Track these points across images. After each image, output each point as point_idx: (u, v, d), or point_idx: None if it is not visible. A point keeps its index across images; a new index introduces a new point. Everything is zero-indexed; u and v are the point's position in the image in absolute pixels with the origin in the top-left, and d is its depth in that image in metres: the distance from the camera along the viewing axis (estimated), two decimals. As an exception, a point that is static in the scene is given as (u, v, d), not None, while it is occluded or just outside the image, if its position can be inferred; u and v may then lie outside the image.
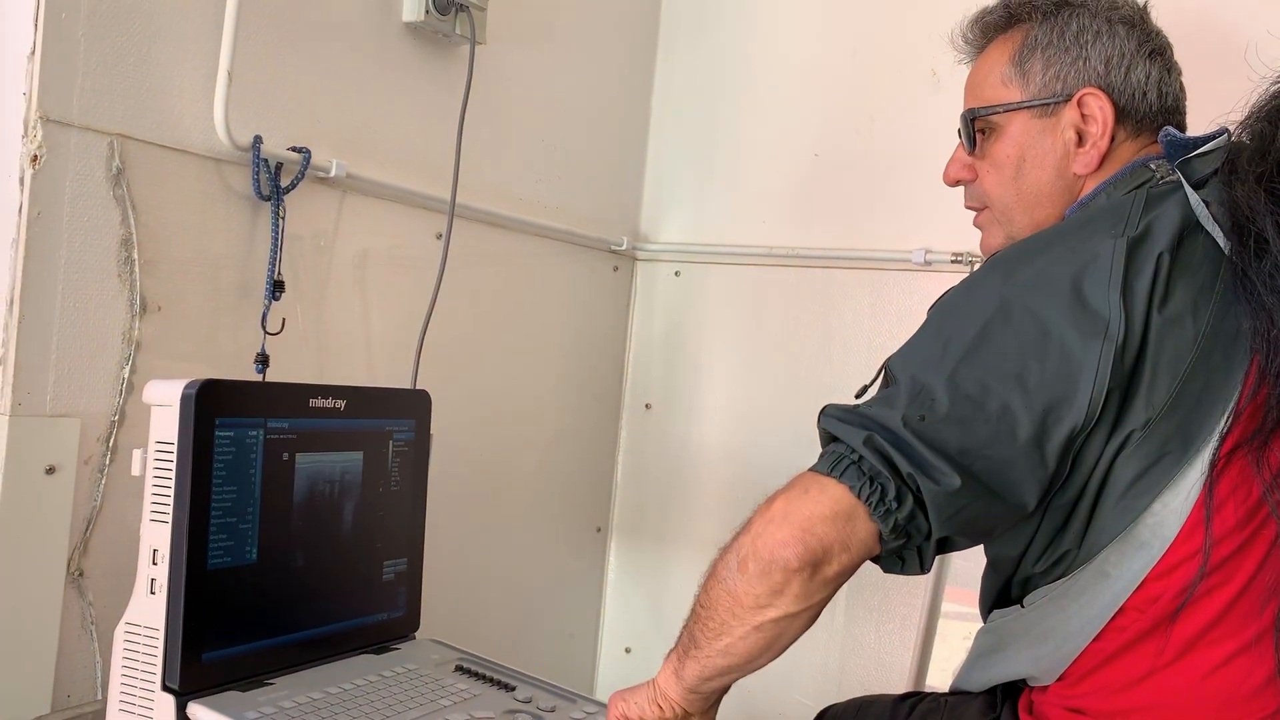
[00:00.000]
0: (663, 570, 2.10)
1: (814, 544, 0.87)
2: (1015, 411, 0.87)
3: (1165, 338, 0.90)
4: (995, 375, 0.89)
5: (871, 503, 0.86)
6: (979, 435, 0.87)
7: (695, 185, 2.09)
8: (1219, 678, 0.90)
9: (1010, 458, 0.87)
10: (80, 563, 1.25)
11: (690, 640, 0.97)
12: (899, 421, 0.88)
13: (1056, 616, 0.97)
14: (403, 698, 1.14)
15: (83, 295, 1.23)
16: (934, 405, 0.88)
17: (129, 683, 1.06)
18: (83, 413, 1.23)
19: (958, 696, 1.11)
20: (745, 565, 0.90)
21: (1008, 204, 1.13)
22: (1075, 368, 0.88)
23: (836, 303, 1.93)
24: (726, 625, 0.93)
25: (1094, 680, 0.95)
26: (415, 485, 1.34)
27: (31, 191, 1.17)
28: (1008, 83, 1.11)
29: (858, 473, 0.87)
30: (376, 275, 1.59)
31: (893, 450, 0.87)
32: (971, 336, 0.91)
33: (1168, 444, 0.90)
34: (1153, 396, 0.90)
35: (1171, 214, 0.95)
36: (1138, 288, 0.90)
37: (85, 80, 1.21)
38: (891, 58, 1.88)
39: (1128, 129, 1.09)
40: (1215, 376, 0.91)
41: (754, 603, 0.90)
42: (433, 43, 1.63)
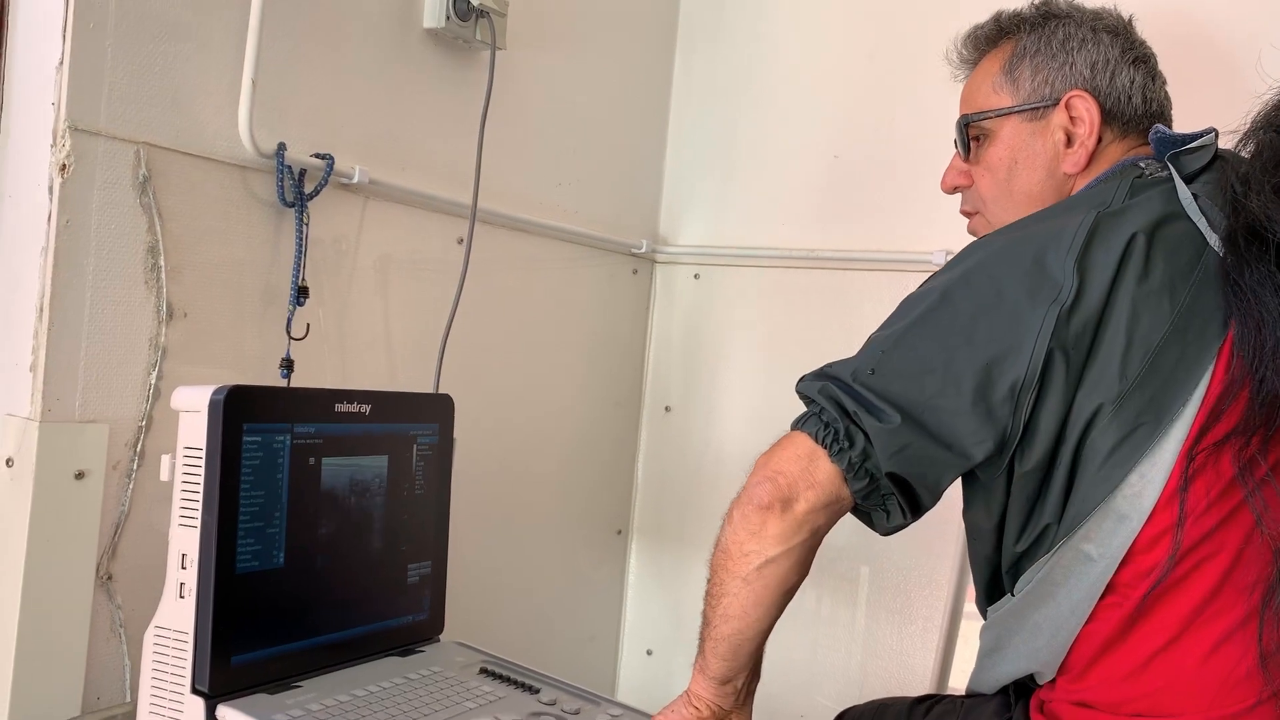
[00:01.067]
0: (684, 572, 2.10)
1: (781, 481, 0.95)
2: (960, 363, 0.94)
3: (1141, 311, 0.93)
4: (946, 333, 0.95)
5: (827, 443, 0.94)
6: (925, 387, 0.94)
7: (714, 188, 2.09)
8: (1217, 659, 0.91)
9: (954, 407, 0.93)
10: (109, 567, 1.26)
11: (703, 622, 1.03)
12: (849, 374, 0.97)
13: (1047, 604, 0.98)
14: (429, 700, 1.15)
15: (110, 302, 1.24)
16: (884, 359, 0.96)
17: (159, 686, 1.07)
18: (111, 418, 1.25)
19: (973, 699, 1.11)
20: (730, 517, 0.99)
21: (1001, 205, 1.18)
22: (1020, 325, 0.93)
23: (856, 304, 1.92)
24: (723, 584, 0.99)
25: (1098, 671, 0.96)
26: (439, 489, 1.35)
27: (60, 200, 1.19)
28: (999, 90, 1.18)
29: (816, 421, 0.96)
30: (399, 280, 1.60)
31: (842, 395, 0.95)
32: (931, 301, 0.98)
33: (1141, 415, 0.93)
34: (1126, 368, 0.93)
35: (1155, 201, 1.00)
36: (1098, 258, 0.94)
37: (112, 90, 1.23)
38: (911, 59, 1.88)
39: (1115, 130, 1.14)
40: (1189, 353, 0.93)
41: (738, 550, 0.97)
42: (453, 49, 1.64)
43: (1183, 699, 0.92)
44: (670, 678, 2.09)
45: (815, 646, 1.93)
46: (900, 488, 0.96)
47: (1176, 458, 0.92)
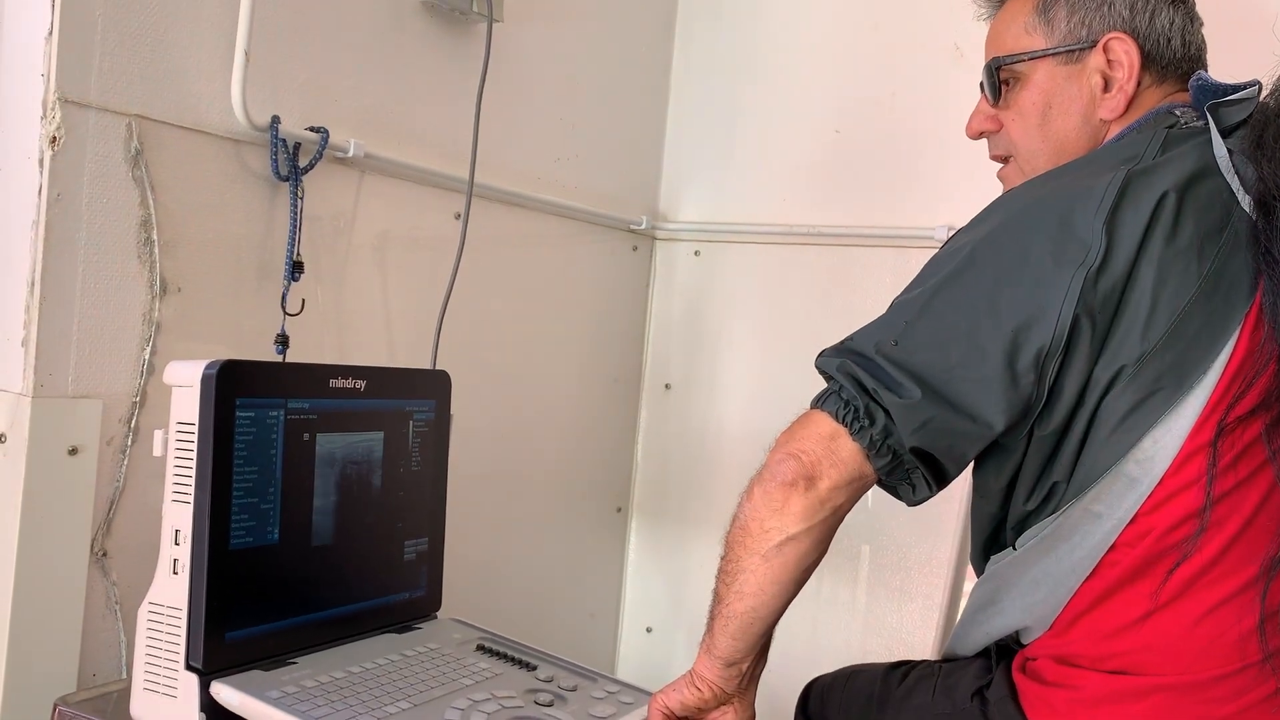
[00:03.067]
0: (683, 550, 2.09)
1: (805, 459, 0.93)
2: (984, 332, 0.92)
3: (1167, 273, 0.91)
4: (971, 300, 0.93)
5: (847, 422, 0.93)
6: (949, 357, 0.92)
7: (715, 163, 2.07)
8: (1208, 623, 0.91)
9: (978, 377, 0.91)
10: (104, 543, 1.25)
11: (714, 600, 1.00)
12: (871, 347, 0.94)
13: (1048, 558, 0.98)
14: (425, 677, 1.14)
15: (103, 277, 1.23)
16: (906, 329, 0.94)
17: (153, 662, 1.06)
18: (104, 394, 1.24)
19: (951, 663, 1.11)
20: (751, 492, 0.96)
21: (1034, 152, 1.13)
22: (1046, 291, 0.91)
23: (858, 281, 1.91)
24: (740, 561, 0.97)
25: (1084, 625, 0.96)
26: (436, 465, 1.34)
27: (51, 173, 1.17)
28: (1032, 31, 1.11)
29: (836, 399, 0.94)
30: (395, 255, 1.59)
31: (861, 372, 0.93)
32: (955, 266, 0.95)
33: (1161, 380, 0.91)
34: (1149, 330, 0.91)
35: (1188, 156, 0.97)
36: (1127, 219, 0.92)
37: (103, 61, 1.21)
38: (913, 32, 1.86)
39: (1153, 75, 1.09)
40: (1214, 317, 0.91)
41: (759, 528, 0.95)
42: (450, 21, 1.62)
43: (1165, 659, 0.92)
44: (670, 655, 2.09)
45: (815, 624, 1.93)
46: (924, 461, 0.95)
47: (1193, 424, 0.91)
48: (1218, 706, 0.91)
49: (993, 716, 1.01)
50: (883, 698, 1.13)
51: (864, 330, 0.97)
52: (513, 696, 1.13)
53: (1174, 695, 0.92)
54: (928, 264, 1.00)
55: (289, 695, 1.04)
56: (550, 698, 1.14)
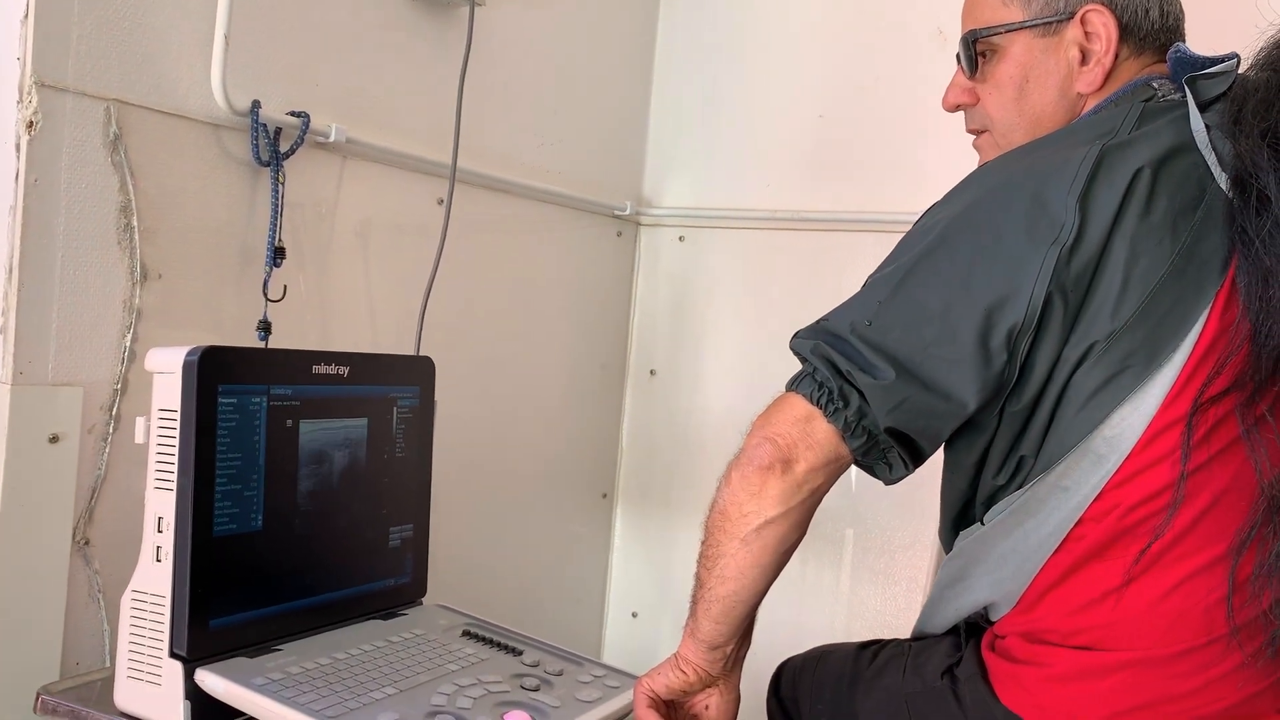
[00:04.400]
0: (668, 535, 2.10)
1: (780, 442, 0.94)
2: (957, 311, 0.92)
3: (1139, 250, 0.91)
4: (943, 278, 0.93)
5: (822, 404, 0.93)
6: (923, 335, 0.92)
7: (699, 148, 2.07)
8: (1174, 598, 0.92)
9: (952, 356, 0.92)
10: (86, 531, 1.25)
11: (696, 584, 1.01)
12: (846, 328, 0.94)
13: (1015, 534, 0.98)
14: (410, 663, 1.14)
15: (83, 263, 1.22)
16: (880, 309, 0.94)
17: (136, 650, 1.06)
18: (85, 381, 1.23)
19: (921, 641, 1.11)
20: (729, 478, 0.97)
21: (1010, 125, 1.12)
22: (1019, 268, 0.91)
23: (842, 265, 1.91)
24: (720, 546, 0.98)
25: (1051, 600, 0.97)
26: (420, 451, 1.33)
27: (28, 158, 1.16)
28: (1009, 3, 1.10)
29: (810, 381, 0.95)
30: (378, 241, 1.58)
31: (835, 353, 0.93)
32: (928, 243, 0.95)
33: (1130, 357, 0.91)
34: (1120, 308, 0.91)
35: (1165, 131, 0.96)
36: (1101, 195, 0.91)
37: (80, 44, 1.19)
38: (896, 17, 1.86)
39: (1130, 46, 1.08)
40: (1186, 295, 0.91)
41: (738, 512, 0.96)
42: (432, 5, 1.61)
43: (1131, 635, 0.93)
44: (655, 640, 2.10)
45: (799, 608, 1.93)
46: (900, 440, 0.95)
47: (1161, 402, 0.91)
48: (1182, 681, 0.92)
49: (962, 694, 1.01)
50: (854, 677, 1.13)
51: (838, 310, 0.98)
52: (499, 681, 1.13)
53: (1140, 670, 0.93)
54: (901, 240, 1.00)
55: (274, 682, 1.03)
56: (536, 682, 1.14)
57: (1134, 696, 0.92)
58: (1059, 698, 0.95)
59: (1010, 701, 0.97)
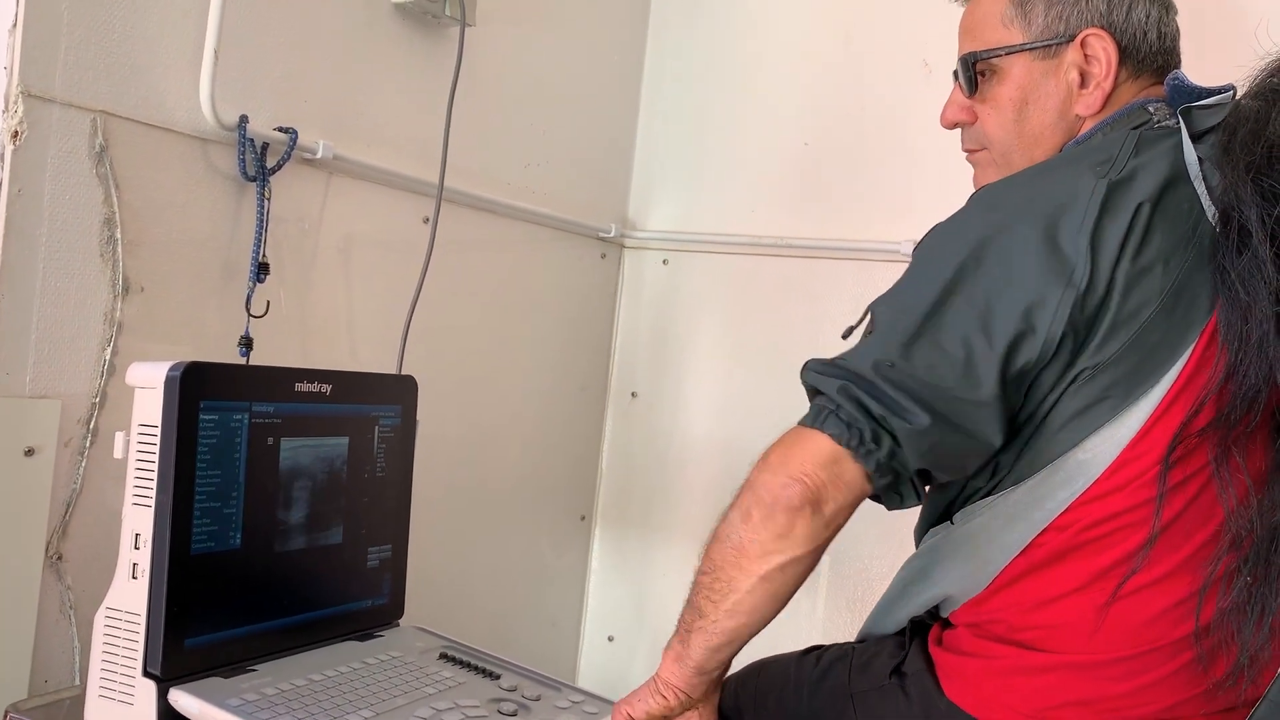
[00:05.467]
0: (646, 559, 2.09)
1: (810, 484, 0.91)
2: (978, 354, 0.92)
3: (1132, 287, 0.93)
4: (962, 319, 0.93)
5: (852, 446, 0.91)
6: (945, 378, 0.92)
7: (684, 173, 2.08)
8: (1114, 610, 0.96)
9: (977, 399, 0.93)
10: (59, 546, 1.23)
11: (694, 614, 0.99)
12: (870, 369, 0.92)
13: (981, 535, 1.01)
14: (387, 685, 1.13)
15: (64, 275, 1.21)
16: (904, 351, 0.93)
17: (109, 668, 1.04)
18: (63, 394, 1.21)
19: (865, 644, 1.14)
20: (749, 515, 0.94)
21: (1008, 146, 1.13)
22: (1035, 309, 0.92)
23: (824, 293, 1.92)
24: (733, 581, 0.95)
25: (1005, 596, 1.00)
26: (400, 471, 1.33)
27: (12, 168, 1.15)
28: (1009, 24, 1.11)
29: (837, 421, 0.92)
30: (362, 258, 1.58)
31: (865, 396, 0.91)
32: (945, 281, 0.95)
33: (1111, 389, 0.94)
34: (1107, 343, 0.93)
35: (1161, 161, 0.97)
36: (1109, 234, 0.93)
37: (68, 55, 1.19)
38: (884, 48, 1.88)
39: (1129, 69, 1.09)
40: (1172, 332, 0.94)
41: (759, 550, 0.93)
42: (422, 24, 1.61)
43: (1069, 639, 0.97)
44: (631, 664, 2.09)
45: (773, 636, 1.91)
46: (923, 476, 0.96)
47: (1134, 434, 0.94)
48: (1112, 685, 0.96)
49: (910, 690, 1.04)
50: (797, 681, 1.15)
51: (859, 349, 0.96)
52: (476, 706, 1.12)
53: (1072, 673, 0.96)
54: (912, 268, 1.00)
55: (249, 703, 1.02)
56: (514, 707, 1.13)
57: (1066, 693, 0.96)
58: (996, 689, 0.99)
59: (952, 693, 1.01)
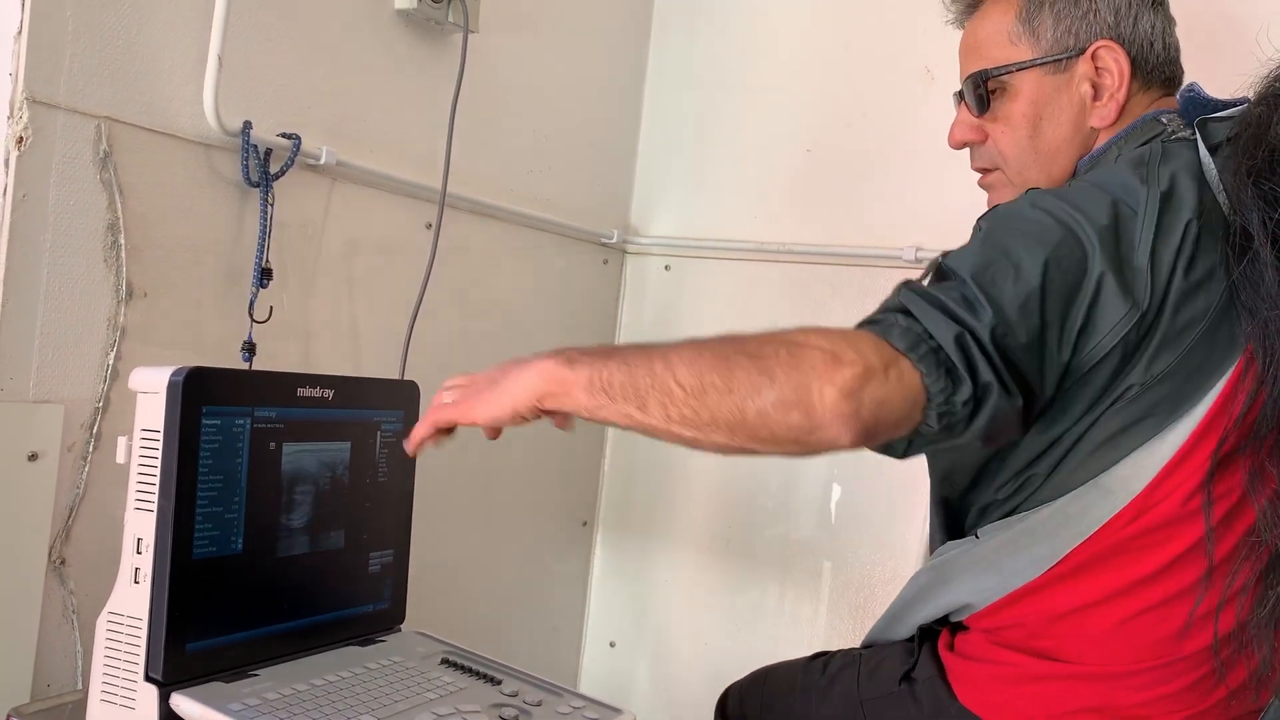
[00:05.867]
0: (648, 565, 2.09)
1: (874, 430, 0.81)
2: (1059, 346, 0.89)
3: (1182, 305, 0.92)
4: (1052, 311, 0.88)
5: (936, 396, 0.82)
6: (1031, 367, 0.87)
7: (686, 179, 2.08)
8: (1132, 624, 0.96)
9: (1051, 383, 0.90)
10: (62, 550, 1.23)
11: (632, 394, 0.88)
12: (988, 332, 0.84)
13: (1008, 549, 1.00)
14: (388, 690, 1.13)
15: (68, 280, 1.21)
16: (1012, 327, 0.86)
17: (111, 673, 1.04)
18: (66, 399, 1.22)
19: (872, 649, 1.12)
20: (786, 411, 0.80)
21: (1024, 163, 1.12)
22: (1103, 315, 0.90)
23: (826, 299, 1.92)
24: (709, 428, 0.84)
25: (1024, 606, 0.99)
26: (402, 477, 1.33)
27: (16, 173, 1.15)
28: (1016, 41, 1.10)
29: (935, 363, 0.82)
30: (365, 264, 1.58)
31: (980, 357, 0.83)
32: (1042, 263, 0.88)
33: (1155, 408, 0.93)
34: (1156, 361, 0.92)
35: (1185, 175, 0.95)
36: (1164, 253, 0.91)
37: (73, 62, 1.19)
38: (885, 53, 1.88)
39: (1139, 81, 1.09)
40: (1217, 350, 0.93)
41: (766, 436, 0.81)
42: (425, 30, 1.62)
43: (1085, 650, 0.97)
44: (632, 670, 2.09)
45: (775, 641, 1.93)
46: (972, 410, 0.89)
47: (1175, 452, 0.93)
48: (1128, 694, 0.96)
49: (920, 696, 1.03)
50: (805, 687, 1.13)
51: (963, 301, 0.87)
52: (477, 711, 1.12)
53: (1087, 682, 0.97)
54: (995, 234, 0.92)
55: (250, 708, 1.02)
56: (515, 713, 1.13)
57: (1080, 700, 0.96)
58: (1010, 696, 0.99)
59: (966, 699, 1.00)
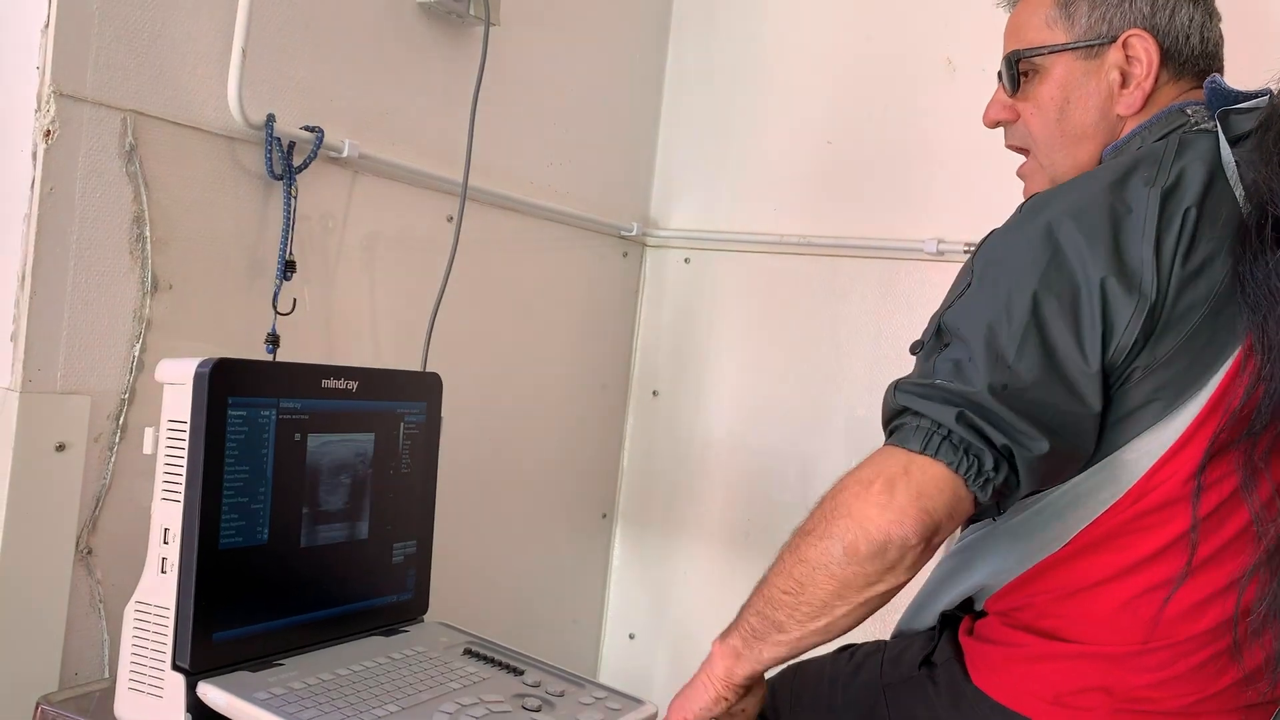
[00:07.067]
0: (667, 557, 2.09)
1: (928, 520, 0.91)
2: (1077, 370, 0.94)
3: (1183, 291, 0.95)
4: (1058, 336, 0.94)
5: (970, 476, 0.91)
6: (1057, 397, 0.93)
7: (706, 171, 2.08)
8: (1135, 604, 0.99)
9: (1082, 412, 0.94)
10: (89, 541, 1.24)
11: (769, 625, 0.99)
12: (985, 393, 0.92)
13: (1022, 531, 1.04)
14: (412, 680, 1.14)
15: (94, 272, 1.22)
16: (1013, 373, 0.92)
17: (139, 662, 1.05)
18: (93, 390, 1.23)
19: (897, 639, 1.16)
20: (855, 549, 0.91)
21: (1051, 144, 1.15)
22: (1117, 317, 0.94)
23: (846, 291, 1.92)
24: (829, 607, 0.95)
25: (1036, 584, 1.03)
26: (425, 468, 1.33)
27: (44, 167, 1.16)
28: (1052, 25, 1.13)
29: (951, 448, 0.91)
30: (387, 257, 1.59)
31: (985, 425, 0.91)
32: (1029, 285, 0.94)
33: (1160, 391, 0.96)
34: (1159, 345, 0.95)
35: (1199, 165, 0.99)
36: (1167, 243, 0.95)
37: (99, 55, 1.20)
38: (907, 45, 1.87)
39: (1170, 71, 1.11)
40: (1219, 336, 0.96)
41: (865, 582, 0.93)
42: (447, 23, 1.62)
43: (1090, 630, 1.00)
44: (651, 662, 2.09)
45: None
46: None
47: (1179, 436, 0.96)
48: (1134, 675, 0.98)
49: (938, 679, 1.07)
50: (832, 677, 1.17)
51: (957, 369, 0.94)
52: (500, 701, 1.12)
53: (1094, 662, 0.99)
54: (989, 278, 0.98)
55: (276, 697, 1.03)
56: (538, 703, 1.14)
57: (1087, 679, 0.99)
58: (1020, 675, 1.02)
59: (979, 680, 1.04)
